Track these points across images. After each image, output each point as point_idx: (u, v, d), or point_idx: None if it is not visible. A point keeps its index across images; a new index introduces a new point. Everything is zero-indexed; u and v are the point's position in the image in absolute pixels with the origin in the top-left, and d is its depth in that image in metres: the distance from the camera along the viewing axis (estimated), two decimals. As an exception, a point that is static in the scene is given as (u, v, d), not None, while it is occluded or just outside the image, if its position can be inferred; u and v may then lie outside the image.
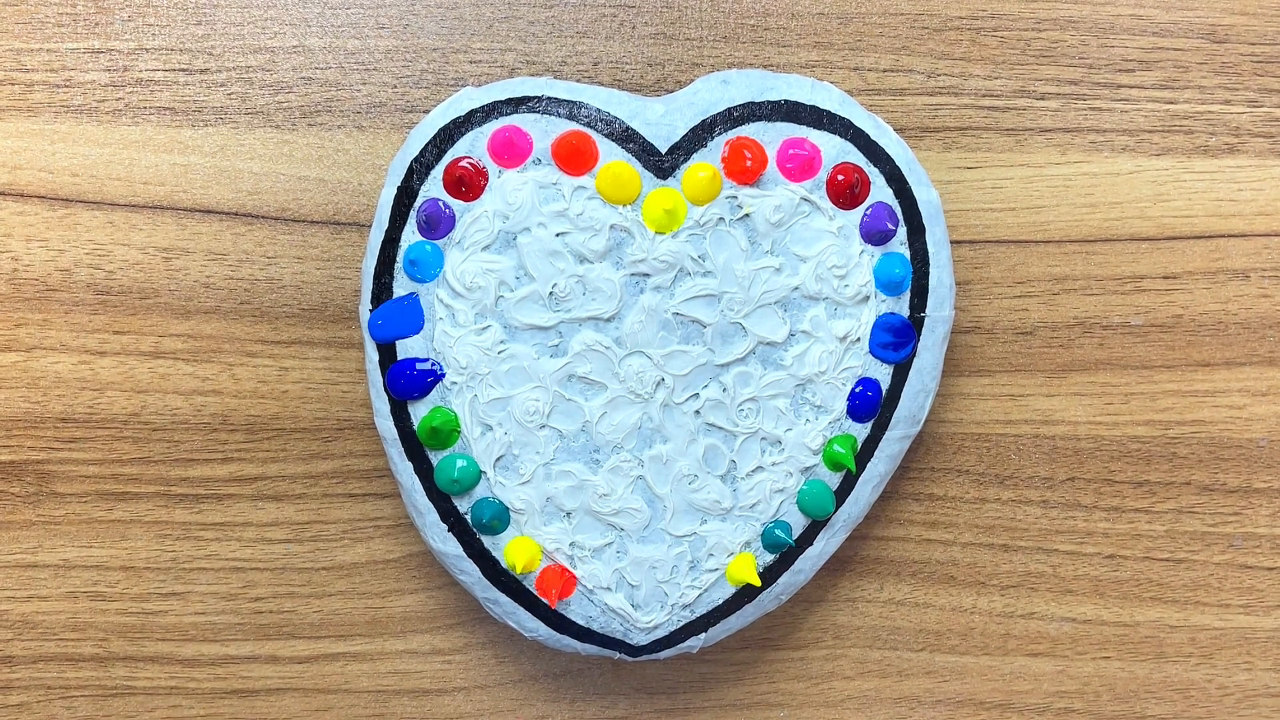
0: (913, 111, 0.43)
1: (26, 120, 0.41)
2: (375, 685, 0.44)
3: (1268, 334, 0.44)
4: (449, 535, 0.40)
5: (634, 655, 0.41)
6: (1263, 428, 0.44)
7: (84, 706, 0.43)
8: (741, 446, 0.40)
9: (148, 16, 0.42)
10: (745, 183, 0.39)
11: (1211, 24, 0.43)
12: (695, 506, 0.40)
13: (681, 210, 0.39)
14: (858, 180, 0.39)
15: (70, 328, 0.42)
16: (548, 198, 0.39)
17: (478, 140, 0.39)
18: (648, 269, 0.39)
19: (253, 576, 0.43)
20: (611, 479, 0.40)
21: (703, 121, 0.39)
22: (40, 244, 0.42)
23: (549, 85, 0.39)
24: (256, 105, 0.42)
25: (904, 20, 0.43)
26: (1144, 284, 0.44)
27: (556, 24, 0.42)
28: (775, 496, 0.40)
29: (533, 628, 0.41)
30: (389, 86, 0.42)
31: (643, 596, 0.41)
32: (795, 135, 0.39)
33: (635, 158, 0.39)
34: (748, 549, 0.41)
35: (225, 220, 0.42)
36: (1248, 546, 0.45)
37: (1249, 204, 0.44)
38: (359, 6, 0.42)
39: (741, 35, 0.43)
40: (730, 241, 0.39)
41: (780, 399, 0.40)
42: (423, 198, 0.39)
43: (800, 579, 0.42)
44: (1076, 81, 0.43)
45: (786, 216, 0.39)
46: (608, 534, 0.40)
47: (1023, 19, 0.43)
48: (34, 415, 0.42)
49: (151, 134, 0.42)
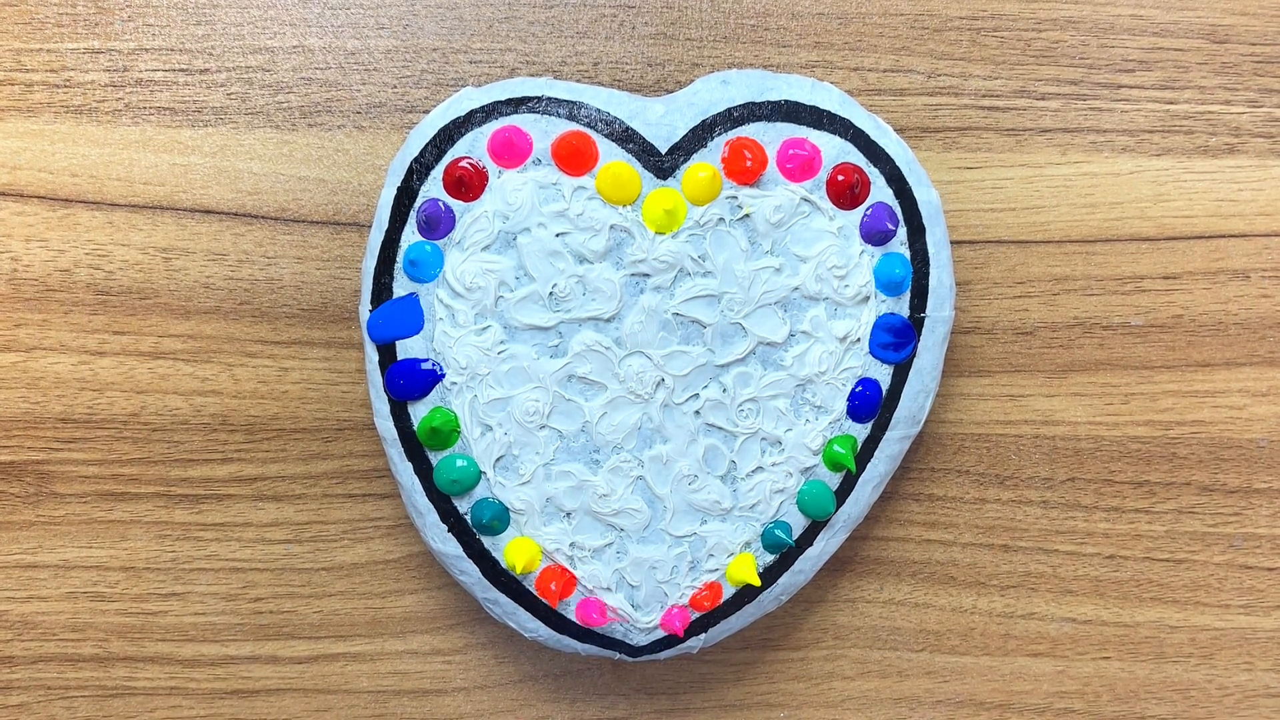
0: (913, 112, 0.43)
1: (26, 120, 0.41)
2: (375, 686, 0.44)
3: (1268, 334, 0.44)
4: (449, 536, 0.40)
5: (634, 656, 0.41)
6: (1263, 428, 0.44)
7: (84, 707, 0.43)
8: (741, 447, 0.40)
9: (148, 17, 0.42)
10: (745, 183, 0.39)
11: (1212, 24, 0.43)
12: (695, 507, 0.40)
13: (681, 210, 0.39)
14: (858, 180, 0.39)
15: (70, 328, 0.42)
16: (548, 198, 0.39)
17: (478, 140, 0.39)
18: (648, 269, 0.39)
19: (253, 577, 0.43)
20: (611, 479, 0.40)
21: (703, 122, 0.39)
22: (40, 244, 0.42)
23: (549, 85, 0.39)
24: (256, 105, 0.42)
25: (904, 20, 0.43)
26: (1144, 284, 0.44)
27: (556, 24, 0.42)
28: (775, 497, 0.40)
29: (533, 628, 0.41)
30: (389, 86, 0.42)
31: (643, 597, 0.41)
32: (795, 135, 0.39)
33: (635, 158, 0.39)
34: (748, 549, 0.41)
35: (225, 220, 0.42)
36: (1248, 547, 0.45)
37: (1249, 204, 0.44)
38: (359, 7, 0.42)
39: (741, 35, 0.43)
40: (730, 242, 0.39)
41: (780, 399, 0.40)
42: (423, 198, 0.39)
43: (800, 579, 0.42)
44: (1077, 82, 0.43)
45: (786, 217, 0.39)
46: (608, 534, 0.40)
47: (1023, 19, 0.43)
48: (34, 415, 0.42)
49: (151, 134, 0.42)
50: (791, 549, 0.41)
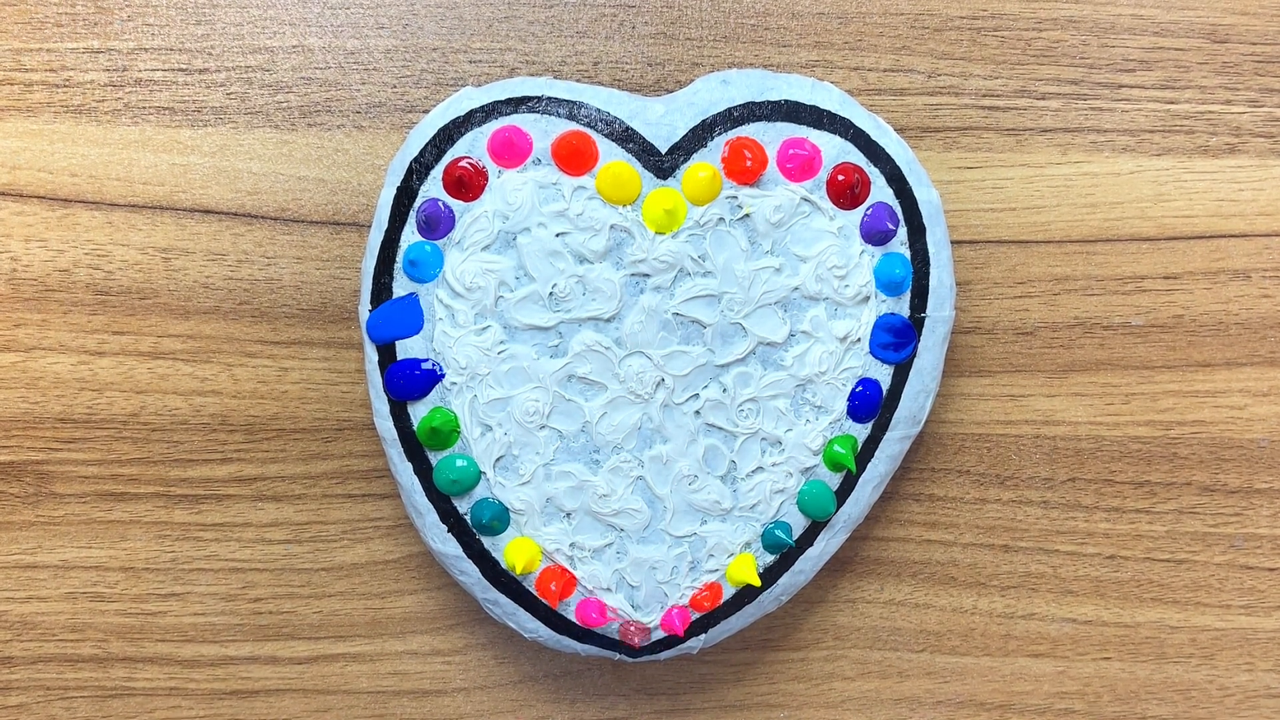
0: (913, 111, 0.43)
1: (26, 120, 0.41)
2: (375, 686, 0.44)
3: (1268, 334, 0.44)
4: (449, 536, 0.40)
5: (634, 656, 0.41)
6: (1264, 428, 0.44)
7: (83, 707, 0.43)
8: (741, 447, 0.40)
9: (147, 16, 0.42)
10: (745, 183, 0.39)
11: (1212, 24, 0.43)
12: (695, 507, 0.40)
13: (681, 210, 0.39)
14: (858, 180, 0.39)
15: (69, 328, 0.42)
16: (547, 198, 0.39)
17: (477, 140, 0.39)
18: (648, 269, 0.39)
19: (252, 577, 0.43)
20: (611, 479, 0.40)
21: (703, 121, 0.39)
22: (39, 244, 0.42)
23: (549, 85, 0.39)
24: (256, 105, 0.42)
25: (904, 20, 0.43)
26: (1145, 284, 0.44)
27: (556, 24, 0.42)
28: (775, 497, 0.40)
29: (532, 628, 0.41)
30: (389, 86, 0.42)
31: (643, 597, 0.41)
32: (795, 135, 0.39)
33: (635, 158, 0.39)
34: (748, 550, 0.41)
35: (224, 220, 0.42)
36: (1249, 547, 0.45)
37: (1250, 204, 0.44)
38: (359, 6, 0.42)
39: (741, 35, 0.43)
40: (730, 242, 0.39)
41: (780, 399, 0.40)
42: (422, 198, 0.39)
43: (801, 580, 0.42)
44: (1077, 81, 0.43)
45: (787, 217, 0.39)
46: (608, 534, 0.40)
47: (1023, 19, 0.43)
48: (33, 415, 0.42)
49: (151, 134, 0.42)
50: (792, 549, 0.41)
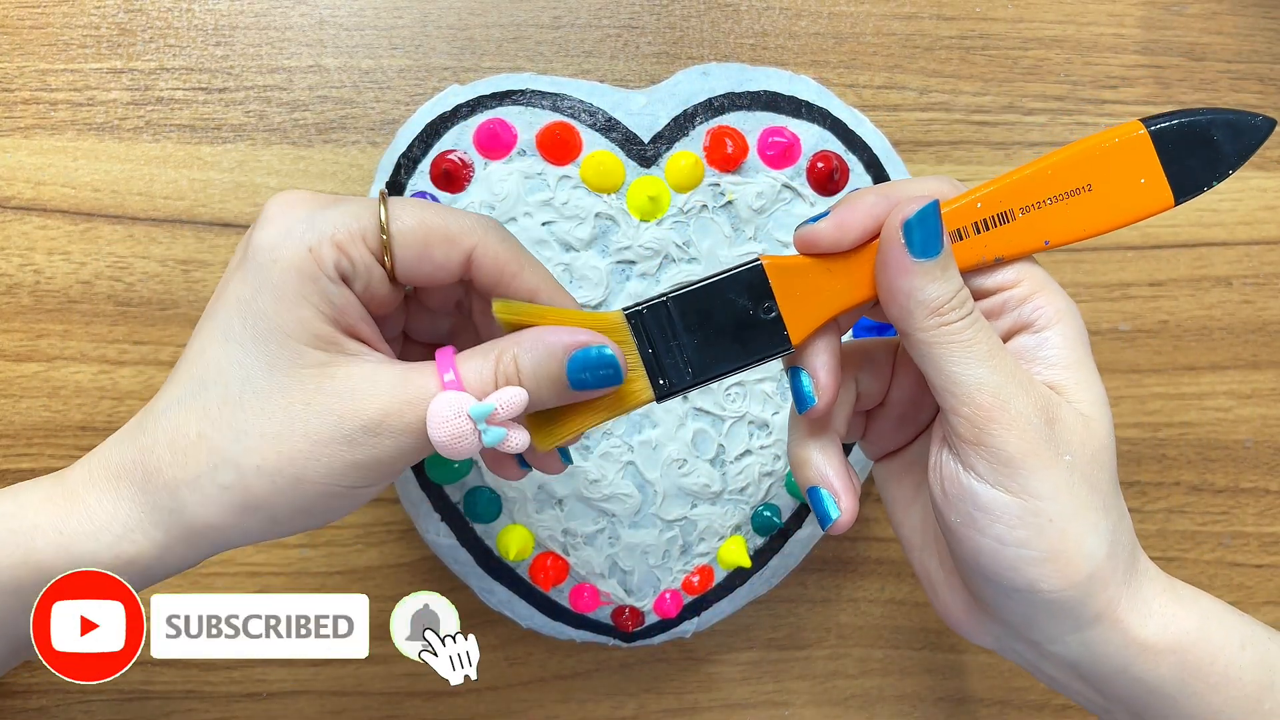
0: (906, 127, 0.45)
1: (50, 138, 0.43)
2: (388, 688, 0.44)
3: (1250, 338, 0.46)
4: (442, 525, 0.41)
5: (628, 641, 0.42)
6: (1248, 429, 0.46)
7: (102, 711, 0.44)
8: (729, 430, 0.41)
9: (169, 38, 0.43)
10: (727, 170, 0.40)
11: (1190, 42, 0.45)
12: (685, 491, 0.41)
13: (665, 198, 0.40)
14: (837, 167, 0.40)
15: (91, 338, 0.43)
16: (533, 188, 0.40)
17: (463, 134, 0.40)
18: (633, 256, 0.40)
19: (268, 581, 0.44)
20: (602, 465, 0.40)
21: (684, 111, 0.40)
22: (62, 257, 0.43)
23: (532, 79, 0.40)
24: (274, 123, 0.43)
25: (897, 40, 0.45)
26: (1131, 291, 0.45)
27: (563, 44, 0.44)
28: (764, 480, 0.41)
29: (528, 616, 0.42)
30: (401, 104, 0.43)
31: (635, 582, 0.41)
32: (775, 124, 0.40)
33: (619, 147, 0.40)
34: (738, 532, 0.41)
35: (243, 234, 0.43)
36: (1236, 545, 0.46)
37: (1230, 214, 0.45)
38: (373, 28, 0.43)
39: (741, 54, 0.44)
40: (714, 228, 0.40)
41: (766, 382, 0.41)
42: (410, 191, 0.40)
43: (791, 561, 0.42)
44: (1062, 97, 0.45)
45: (768, 203, 0.40)
46: (599, 520, 0.41)
47: (1010, 38, 0.45)
48: (54, 424, 0.43)
49: (171, 150, 0.43)
50: (781, 531, 0.42)
